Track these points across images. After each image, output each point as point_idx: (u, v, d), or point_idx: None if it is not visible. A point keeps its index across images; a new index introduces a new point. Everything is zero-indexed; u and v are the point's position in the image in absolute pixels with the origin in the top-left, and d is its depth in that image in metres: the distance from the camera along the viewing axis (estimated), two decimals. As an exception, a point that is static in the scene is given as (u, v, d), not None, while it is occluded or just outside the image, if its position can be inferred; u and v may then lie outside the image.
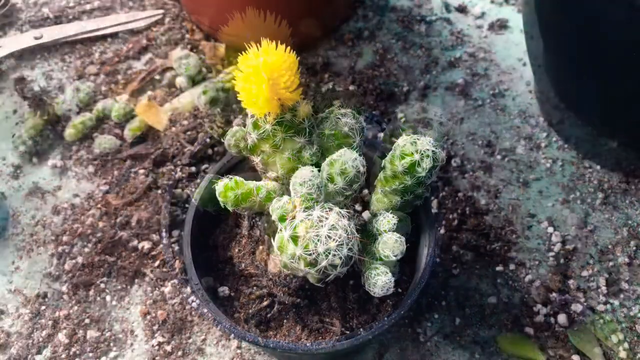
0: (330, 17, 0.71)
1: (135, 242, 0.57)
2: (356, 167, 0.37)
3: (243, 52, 0.37)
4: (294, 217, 0.36)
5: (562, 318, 0.52)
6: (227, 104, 0.66)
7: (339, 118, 0.41)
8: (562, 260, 0.56)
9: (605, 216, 0.58)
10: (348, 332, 0.42)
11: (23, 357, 0.52)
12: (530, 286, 0.54)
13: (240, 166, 0.49)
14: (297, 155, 0.40)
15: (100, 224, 0.58)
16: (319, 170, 0.38)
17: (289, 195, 0.38)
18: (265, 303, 0.44)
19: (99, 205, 0.60)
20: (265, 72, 0.36)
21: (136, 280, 0.55)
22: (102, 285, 0.55)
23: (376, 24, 0.73)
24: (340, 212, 0.36)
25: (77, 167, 0.63)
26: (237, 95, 0.38)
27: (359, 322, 0.43)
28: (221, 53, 0.69)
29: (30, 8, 0.76)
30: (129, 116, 0.65)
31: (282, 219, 0.37)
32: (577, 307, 0.53)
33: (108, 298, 0.54)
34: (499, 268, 0.55)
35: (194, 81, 0.68)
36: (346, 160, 0.37)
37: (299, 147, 0.40)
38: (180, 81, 0.67)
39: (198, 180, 0.61)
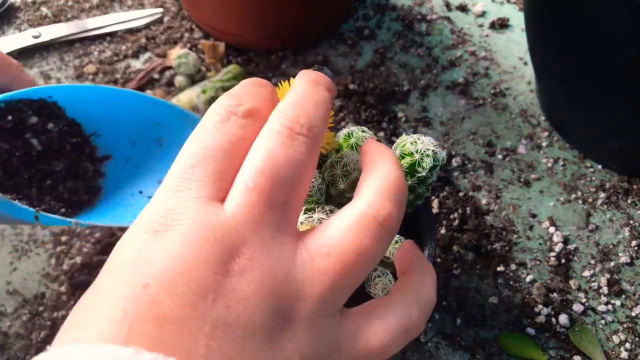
0: (330, 16, 0.71)
1: (134, 242, 0.57)
2: (359, 170, 0.37)
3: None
4: None
5: (563, 318, 0.52)
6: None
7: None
8: (563, 260, 0.55)
9: (606, 216, 0.58)
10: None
11: (22, 358, 0.51)
12: (531, 286, 0.54)
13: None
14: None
15: (99, 224, 0.58)
16: (320, 172, 0.38)
17: None
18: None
19: (97, 205, 0.59)
20: None
21: (135, 281, 0.55)
22: (101, 286, 0.55)
23: (376, 22, 0.73)
24: (341, 214, 0.36)
25: (76, 166, 0.62)
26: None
27: (359, 323, 0.43)
28: (221, 52, 0.69)
29: (29, 7, 0.76)
30: (128, 115, 0.65)
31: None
32: (578, 308, 0.53)
33: (107, 298, 0.54)
34: (500, 268, 0.55)
35: (193, 80, 0.68)
36: (348, 162, 0.37)
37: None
38: (180, 80, 0.67)
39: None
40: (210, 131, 0.26)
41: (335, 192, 0.37)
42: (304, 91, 0.28)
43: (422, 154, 0.37)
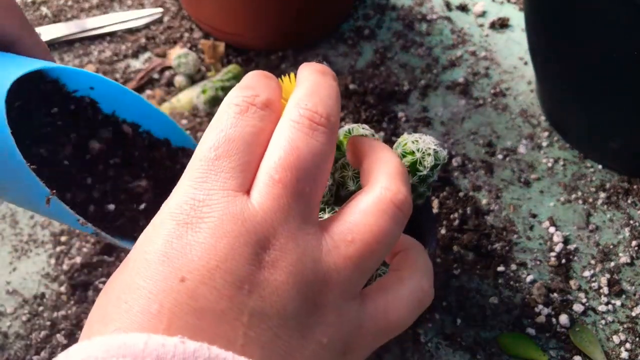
0: (330, 16, 0.71)
1: (134, 242, 0.56)
2: None
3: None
4: None
5: (563, 318, 0.52)
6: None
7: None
8: (563, 261, 0.55)
9: (607, 216, 0.58)
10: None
11: (21, 358, 0.51)
12: (531, 286, 0.54)
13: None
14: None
15: (99, 224, 0.58)
16: (331, 173, 0.37)
17: None
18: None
19: (97, 205, 0.59)
20: None
21: (135, 281, 0.55)
22: (101, 286, 0.55)
23: (376, 22, 0.73)
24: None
25: (76, 166, 0.62)
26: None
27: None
28: (221, 52, 0.69)
29: (29, 7, 0.76)
30: (128, 115, 0.65)
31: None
32: (578, 308, 0.53)
33: (106, 298, 0.54)
34: (500, 268, 0.55)
35: (193, 80, 0.68)
36: None
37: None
38: (179, 80, 0.67)
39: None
40: (231, 123, 0.26)
41: (344, 194, 0.37)
42: (315, 81, 0.28)
43: (424, 152, 0.37)
